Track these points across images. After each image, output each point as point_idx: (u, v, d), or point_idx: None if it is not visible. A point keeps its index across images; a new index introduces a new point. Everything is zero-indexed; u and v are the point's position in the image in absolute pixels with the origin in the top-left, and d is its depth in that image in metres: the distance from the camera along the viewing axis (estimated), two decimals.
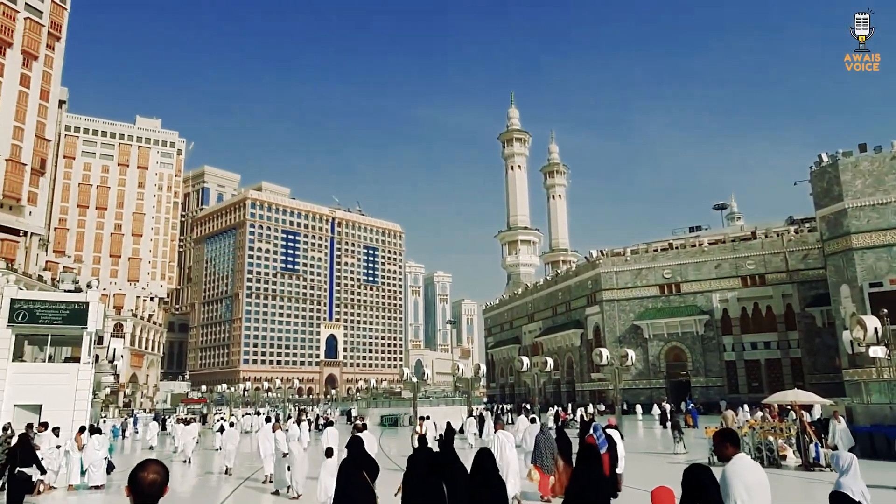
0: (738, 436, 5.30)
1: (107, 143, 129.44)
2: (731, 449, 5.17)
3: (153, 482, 3.25)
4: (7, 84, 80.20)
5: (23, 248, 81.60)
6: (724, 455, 5.17)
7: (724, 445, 5.21)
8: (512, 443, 13.89)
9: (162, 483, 3.30)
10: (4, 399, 22.83)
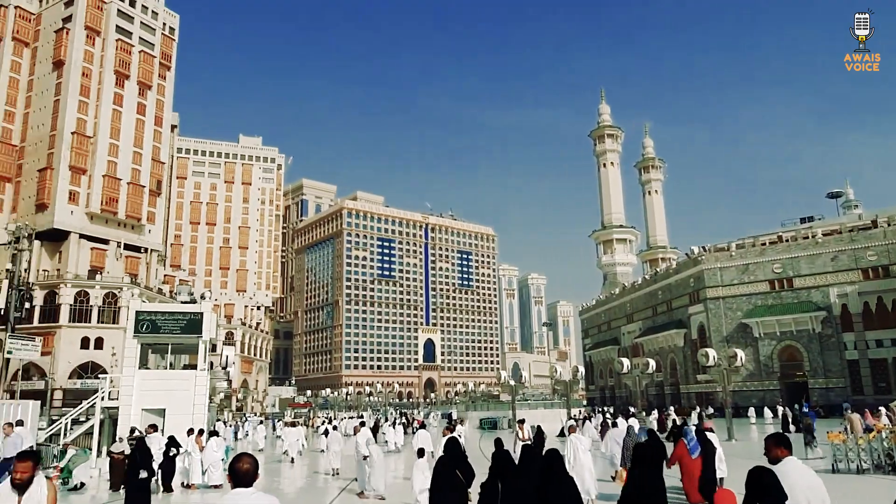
0: (789, 439, 5.58)
1: (213, 163, 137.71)
2: (782, 451, 5.34)
3: (247, 471, 4.18)
4: (126, 113, 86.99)
5: (144, 263, 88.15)
6: (775, 457, 5.33)
7: (777, 448, 5.38)
8: (585, 446, 13.90)
9: (254, 471, 4.23)
10: (133, 404, 24.70)
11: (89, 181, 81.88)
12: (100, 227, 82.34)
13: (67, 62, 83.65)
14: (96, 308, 74.99)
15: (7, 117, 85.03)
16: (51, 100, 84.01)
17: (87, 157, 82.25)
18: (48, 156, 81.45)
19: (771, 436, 5.56)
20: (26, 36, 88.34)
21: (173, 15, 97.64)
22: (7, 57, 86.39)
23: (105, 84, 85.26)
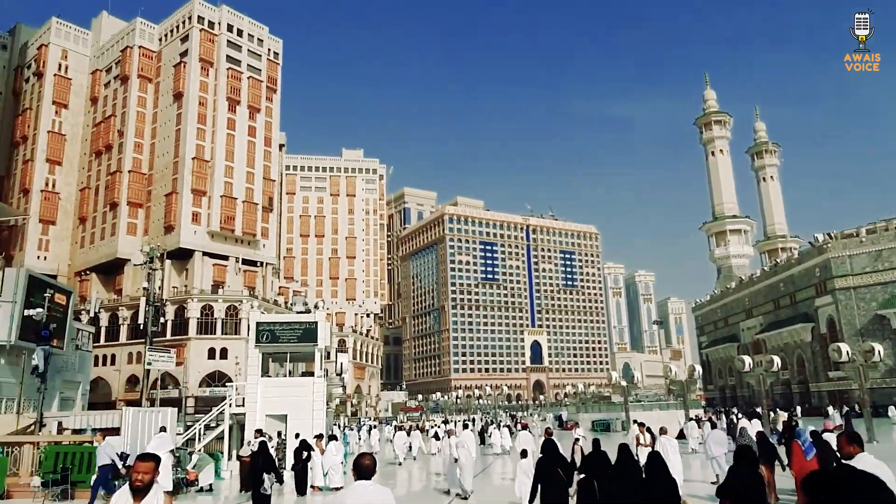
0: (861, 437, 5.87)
1: (319, 177, 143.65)
2: (854, 448, 5.54)
3: (367, 466, 5.06)
4: (238, 136, 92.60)
5: (260, 276, 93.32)
6: (848, 454, 5.52)
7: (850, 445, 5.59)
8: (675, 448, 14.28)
9: (373, 466, 5.10)
10: (258, 410, 26.17)
11: (209, 202, 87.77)
12: (220, 244, 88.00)
13: (185, 93, 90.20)
14: (220, 320, 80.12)
15: (137, 149, 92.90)
16: (173, 129, 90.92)
17: (206, 179, 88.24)
18: (173, 181, 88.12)
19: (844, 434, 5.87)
20: (149, 73, 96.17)
21: (276, 40, 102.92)
22: (134, 93, 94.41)
23: (219, 111, 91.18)
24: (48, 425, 24.52)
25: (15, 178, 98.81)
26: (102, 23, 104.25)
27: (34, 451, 18.68)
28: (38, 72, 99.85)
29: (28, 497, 17.34)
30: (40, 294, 39.28)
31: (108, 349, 79.46)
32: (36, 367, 23.07)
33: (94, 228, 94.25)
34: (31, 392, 32.87)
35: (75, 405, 49.26)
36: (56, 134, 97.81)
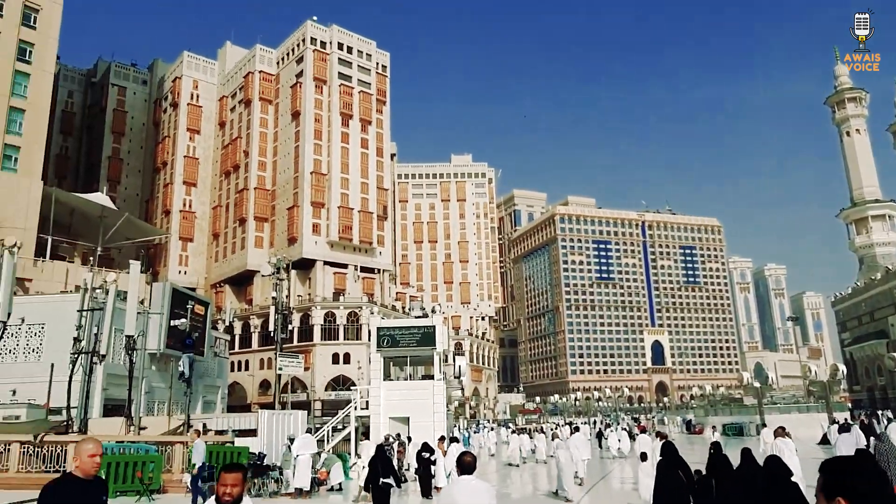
0: None
1: (430, 184, 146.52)
2: None
3: (469, 462, 5.69)
4: (352, 149, 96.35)
5: (378, 283, 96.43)
6: None
7: None
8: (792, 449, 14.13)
9: (474, 462, 5.72)
10: (381, 412, 27.04)
11: (327, 213, 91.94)
12: (339, 253, 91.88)
13: (302, 112, 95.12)
14: (342, 326, 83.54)
15: (261, 167, 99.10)
16: (292, 146, 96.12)
17: (324, 192, 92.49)
18: (294, 195, 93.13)
19: None
20: (269, 95, 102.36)
21: (384, 54, 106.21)
22: (256, 115, 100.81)
23: (333, 126, 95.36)
24: (195, 426, 26.59)
25: (158, 200, 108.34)
26: (227, 52, 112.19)
27: (184, 450, 20.33)
28: (173, 102, 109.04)
29: (180, 492, 18.88)
30: (183, 306, 42.75)
31: (241, 355, 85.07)
32: (182, 374, 25.15)
33: (226, 243, 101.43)
34: (178, 396, 35.85)
35: (216, 408, 53.16)
36: (190, 158, 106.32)
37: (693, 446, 34.32)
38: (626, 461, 29.63)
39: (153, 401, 40.75)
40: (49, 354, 36.04)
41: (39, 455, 20.12)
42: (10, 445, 20.27)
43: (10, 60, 69.68)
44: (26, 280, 52.22)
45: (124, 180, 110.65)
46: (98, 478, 4.58)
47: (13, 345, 36.55)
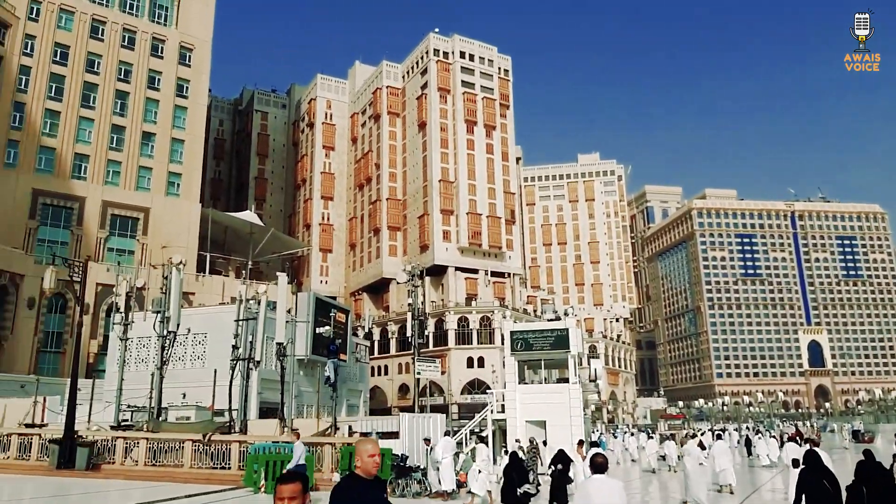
0: None
1: (557, 185, 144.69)
2: None
3: (601, 462, 6.06)
4: (478, 155, 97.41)
5: (508, 287, 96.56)
6: None
7: None
8: None
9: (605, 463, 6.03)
10: (517, 416, 26.99)
11: (456, 220, 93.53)
12: (469, 258, 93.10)
13: (428, 122, 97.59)
14: (475, 331, 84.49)
15: (391, 178, 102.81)
16: (420, 156, 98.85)
17: (453, 199, 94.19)
18: (423, 203, 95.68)
19: None
20: (396, 108, 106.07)
21: (505, 58, 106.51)
22: (385, 129, 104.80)
23: (458, 134, 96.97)
24: (341, 428, 27.98)
25: (299, 215, 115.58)
26: (356, 71, 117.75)
27: (333, 451, 21.45)
28: (310, 122, 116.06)
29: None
30: (325, 314, 45.17)
31: (381, 360, 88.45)
32: (328, 378, 26.55)
33: (362, 253, 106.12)
34: (324, 399, 37.87)
35: (359, 411, 55.60)
36: (327, 174, 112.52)
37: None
38: (777, 469, 27.51)
39: (302, 404, 43.33)
40: (211, 361, 39.50)
41: (208, 452, 22.06)
42: (183, 443, 22.42)
43: (170, 97, 77.49)
44: (190, 294, 57.47)
45: (269, 198, 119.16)
46: (377, 477, 4.63)
47: (181, 352, 40.38)
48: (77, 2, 73.46)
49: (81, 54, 72.44)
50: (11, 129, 67.34)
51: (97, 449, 22.91)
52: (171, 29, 79.22)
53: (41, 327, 61.97)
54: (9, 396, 41.83)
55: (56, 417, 30.93)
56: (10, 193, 65.28)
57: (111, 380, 37.89)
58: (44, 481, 20.96)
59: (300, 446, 17.23)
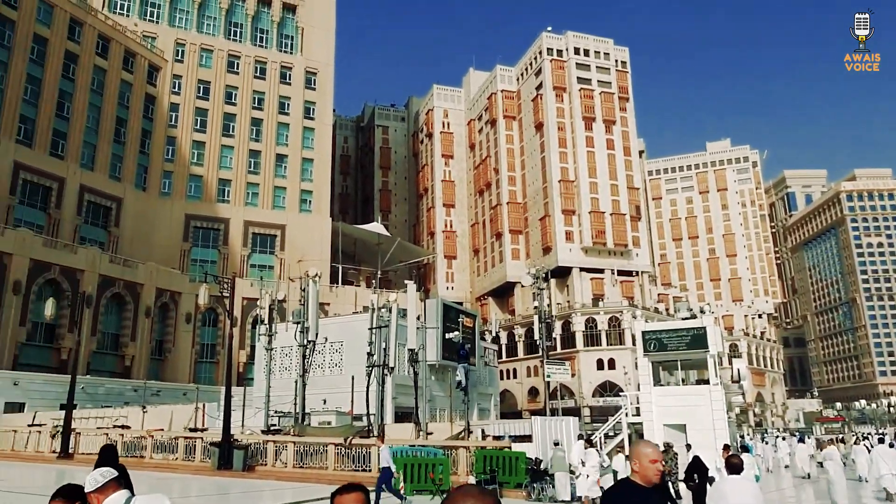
0: None
1: (685, 177, 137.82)
2: None
3: (737, 463, 6.21)
4: (598, 152, 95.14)
5: (637, 285, 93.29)
6: None
7: None
8: None
9: (741, 464, 6.28)
10: (654, 419, 25.94)
11: (579, 220, 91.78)
12: (594, 258, 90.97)
13: (545, 123, 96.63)
14: (603, 332, 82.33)
15: (511, 181, 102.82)
16: (538, 158, 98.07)
17: (574, 198, 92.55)
18: (544, 205, 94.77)
19: None
20: (512, 111, 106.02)
21: (622, 49, 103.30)
22: (502, 133, 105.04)
23: (576, 131, 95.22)
24: (474, 432, 28.27)
25: (423, 224, 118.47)
26: (470, 78, 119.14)
27: (467, 455, 21.72)
28: (428, 133, 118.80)
29: None
30: (453, 319, 45.90)
31: (509, 364, 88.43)
32: (459, 382, 26.95)
33: (486, 258, 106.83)
34: (457, 403, 38.43)
35: (490, 415, 55.89)
36: (447, 182, 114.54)
37: None
38: None
39: (434, 408, 44.21)
40: (348, 367, 41.34)
41: (349, 455, 23.10)
42: (326, 447, 23.63)
43: (299, 119, 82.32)
44: (325, 304, 60.53)
45: (394, 209, 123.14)
46: (657, 485, 4.02)
47: (320, 360, 42.60)
48: (215, 40, 79.99)
49: (220, 88, 78.78)
50: (165, 162, 74.44)
51: (251, 451, 24.68)
52: (297, 56, 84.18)
53: (197, 340, 67.85)
54: (174, 403, 46.15)
55: (214, 422, 33.69)
56: (167, 219, 72.12)
57: (259, 387, 40.74)
58: (207, 481, 22.87)
59: (386, 450, 17.43)
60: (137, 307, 62.01)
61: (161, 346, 65.38)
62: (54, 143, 63.27)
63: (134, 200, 69.88)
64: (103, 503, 3.57)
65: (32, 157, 60.91)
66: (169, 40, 77.04)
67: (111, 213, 67.67)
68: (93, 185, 65.78)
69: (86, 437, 29.68)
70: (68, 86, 65.22)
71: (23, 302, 53.22)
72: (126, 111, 70.95)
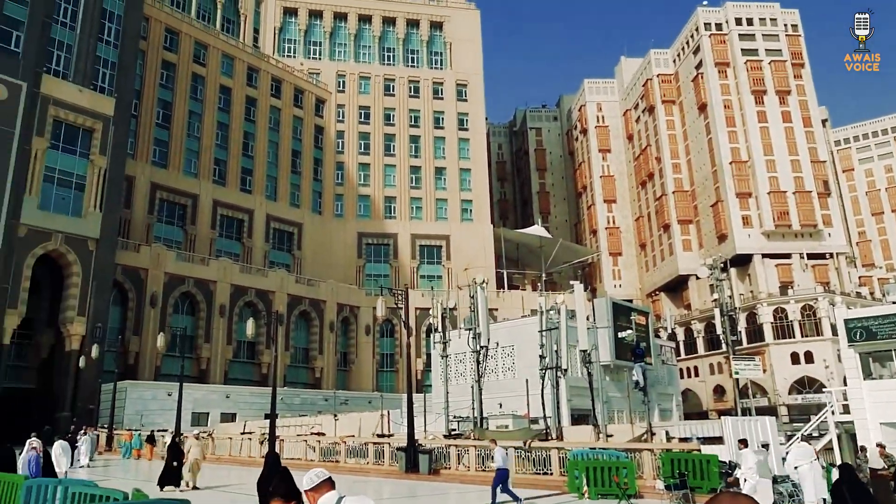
0: None
1: (880, 143, 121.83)
2: None
3: None
4: (772, 127, 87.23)
5: (832, 268, 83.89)
6: None
7: None
8: None
9: None
10: (868, 418, 23.07)
11: (756, 202, 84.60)
12: (777, 242, 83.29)
13: (709, 102, 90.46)
14: (796, 322, 74.97)
15: (675, 169, 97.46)
16: (704, 141, 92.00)
17: (748, 180, 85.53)
18: (715, 190, 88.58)
19: None
20: (671, 95, 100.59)
21: (791, 12, 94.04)
22: (661, 119, 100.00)
23: (745, 108, 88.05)
24: (657, 434, 27.02)
25: (584, 222, 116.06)
26: (622, 67, 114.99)
27: (652, 458, 20.78)
28: (582, 129, 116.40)
29: (656, 498, 19.29)
30: (624, 317, 44.40)
31: (689, 362, 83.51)
32: (637, 383, 25.91)
33: (654, 252, 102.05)
34: (635, 405, 37.05)
35: (672, 416, 53.19)
36: (606, 177, 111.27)
37: None
38: None
39: (612, 410, 42.98)
40: (521, 371, 41.52)
41: (529, 458, 23.10)
42: (507, 450, 23.83)
43: (453, 132, 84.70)
44: (493, 309, 61.32)
45: (553, 210, 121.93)
46: None
47: (493, 365, 43.19)
48: (371, 67, 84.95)
49: (379, 111, 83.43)
50: (336, 185, 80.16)
51: (434, 455, 25.56)
52: (447, 71, 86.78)
53: (377, 350, 71.93)
54: (361, 410, 49.21)
55: (398, 428, 35.39)
56: (342, 239, 77.50)
57: (437, 393, 42.17)
58: (396, 483, 24.05)
59: (500, 451, 17.62)
60: (322, 322, 67.17)
61: (345, 357, 70.16)
62: (243, 179, 70.71)
63: (312, 224, 75.96)
64: (318, 501, 3.86)
65: (226, 193, 68.54)
66: (331, 73, 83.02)
67: (293, 237, 74.12)
68: (277, 213, 72.54)
69: (288, 444, 32.54)
70: (250, 126, 72.69)
71: (227, 323, 59.89)
72: (299, 143, 77.53)
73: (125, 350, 53.23)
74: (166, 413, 45.76)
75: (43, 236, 47.17)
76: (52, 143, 48.78)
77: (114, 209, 52.08)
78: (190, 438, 22.18)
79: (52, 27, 50.16)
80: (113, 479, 23.15)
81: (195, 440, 21.55)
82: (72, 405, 46.22)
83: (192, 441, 21.33)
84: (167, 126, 65.75)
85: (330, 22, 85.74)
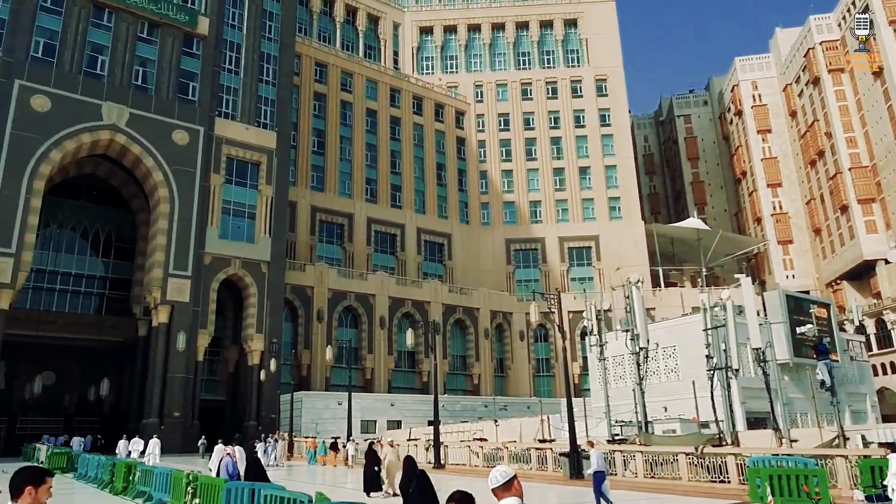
0: None
1: None
2: None
3: None
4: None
5: None
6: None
7: None
8: None
9: None
10: None
11: None
12: None
13: (885, 65, 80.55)
14: None
15: (850, 143, 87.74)
16: (882, 109, 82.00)
17: None
18: None
19: None
20: (837, 63, 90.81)
21: None
22: (829, 91, 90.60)
23: None
24: (851, 438, 24.39)
25: (746, 210, 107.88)
26: (778, 39, 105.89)
27: (847, 465, 18.75)
28: (737, 111, 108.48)
29: None
30: (801, 311, 40.64)
31: (882, 357, 74.46)
32: (823, 382, 23.54)
33: (830, 236, 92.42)
34: (821, 406, 33.68)
35: (867, 418, 47.67)
36: (768, 159, 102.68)
37: None
38: None
39: (793, 412, 39.40)
40: (685, 372, 39.36)
41: (703, 465, 21.77)
42: (676, 456, 22.65)
43: (595, 129, 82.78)
44: (650, 309, 58.84)
45: (709, 200, 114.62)
46: None
47: (655, 367, 41.32)
48: (507, 74, 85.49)
49: (518, 116, 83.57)
50: (481, 194, 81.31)
51: None
52: (584, 68, 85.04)
53: (532, 355, 71.70)
54: (520, 416, 49.23)
55: (559, 433, 34.92)
56: (490, 246, 78.38)
57: (596, 397, 41.12)
58: (561, 489, 23.72)
59: (597, 453, 17.19)
60: (477, 330, 68.23)
61: (501, 363, 70.66)
62: (392, 195, 73.96)
63: (460, 234, 77.56)
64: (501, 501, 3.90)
65: (378, 210, 72.08)
66: (468, 85, 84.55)
67: (444, 248, 76.12)
68: (426, 226, 74.97)
69: (452, 450, 33.28)
70: (395, 145, 75.95)
71: (387, 334, 62.71)
72: (443, 156, 79.64)
73: (298, 363, 57.59)
74: (338, 421, 48.77)
75: (224, 263, 52.33)
76: (227, 177, 54.11)
77: (281, 233, 56.60)
78: (385, 444, 23.39)
79: (220, 74, 55.80)
80: (297, 482, 25.03)
81: (390, 447, 22.63)
82: (256, 415, 50.72)
83: (388, 448, 22.45)
84: (322, 152, 70.53)
85: (464, 35, 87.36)
